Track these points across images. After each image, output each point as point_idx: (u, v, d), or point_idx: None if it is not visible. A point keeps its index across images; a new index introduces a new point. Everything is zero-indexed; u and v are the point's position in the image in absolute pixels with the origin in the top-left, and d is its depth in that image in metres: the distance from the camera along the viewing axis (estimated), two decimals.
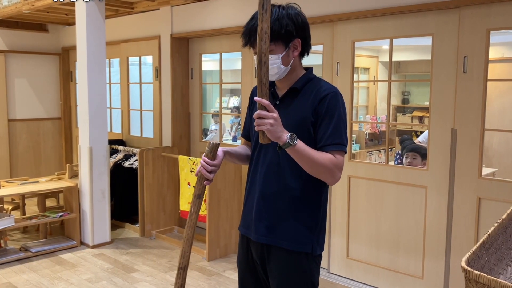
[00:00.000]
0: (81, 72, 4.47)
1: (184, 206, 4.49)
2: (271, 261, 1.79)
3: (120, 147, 5.43)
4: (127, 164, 5.18)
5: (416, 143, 4.57)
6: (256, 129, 1.57)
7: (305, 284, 1.76)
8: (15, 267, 4.01)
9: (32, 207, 5.69)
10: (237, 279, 1.99)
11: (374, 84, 7.32)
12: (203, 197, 1.75)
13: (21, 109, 6.41)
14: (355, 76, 3.83)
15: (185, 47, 5.15)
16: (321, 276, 2.84)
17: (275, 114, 1.55)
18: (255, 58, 1.56)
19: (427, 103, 6.15)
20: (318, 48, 3.89)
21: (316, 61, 3.88)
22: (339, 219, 3.84)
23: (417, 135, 6.28)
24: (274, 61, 1.69)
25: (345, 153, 1.72)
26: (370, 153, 6.18)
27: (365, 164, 3.99)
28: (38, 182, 4.87)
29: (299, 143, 1.59)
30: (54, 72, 6.71)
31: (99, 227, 4.54)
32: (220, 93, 5.18)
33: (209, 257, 4.22)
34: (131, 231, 5.05)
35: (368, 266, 3.70)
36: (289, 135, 1.57)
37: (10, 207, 4.87)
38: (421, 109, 7.35)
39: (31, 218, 4.41)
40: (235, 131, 6.94)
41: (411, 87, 7.82)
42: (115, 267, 4.06)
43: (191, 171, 4.36)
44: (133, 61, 5.78)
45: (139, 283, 3.73)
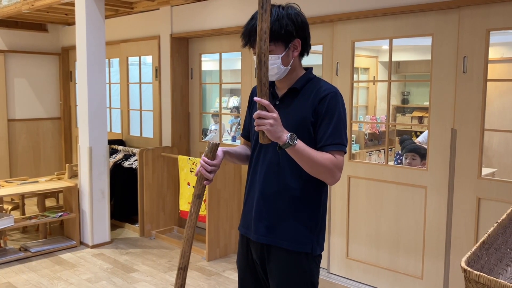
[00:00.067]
0: (81, 72, 4.47)
1: (183, 206, 4.49)
2: (271, 261, 1.79)
3: (119, 147, 5.43)
4: (126, 164, 5.18)
5: (415, 144, 4.57)
6: (256, 129, 1.57)
7: (305, 284, 1.76)
8: (14, 267, 4.01)
9: (31, 207, 5.69)
10: (237, 279, 1.99)
11: (373, 84, 7.32)
12: (203, 197, 1.75)
13: (21, 109, 6.41)
14: (355, 76, 3.83)
15: (185, 47, 5.15)
16: (320, 276, 2.84)
17: (275, 114, 1.55)
18: (254, 58, 1.56)
19: (426, 103, 6.16)
20: (318, 48, 3.89)
21: (316, 61, 3.88)
22: (338, 219, 3.84)
23: (417, 135, 6.28)
24: (274, 61, 1.69)
25: (345, 153, 1.72)
26: (370, 153, 6.18)
27: (365, 164, 3.99)
28: (37, 182, 4.87)
29: (299, 143, 1.59)
30: (53, 72, 6.71)
31: (98, 227, 4.54)
32: (219, 93, 5.18)
33: (209, 257, 4.22)
34: (130, 231, 5.05)
35: (367, 266, 3.70)
36: (289, 135, 1.57)
37: (9, 207, 4.86)
38: (420, 109, 7.35)
39: (30, 218, 4.40)
40: (235, 131, 6.94)
41: (411, 87, 7.82)
42: (115, 267, 4.06)
43: (191, 171, 4.36)
44: (133, 61, 5.78)
45: (139, 283, 3.73)
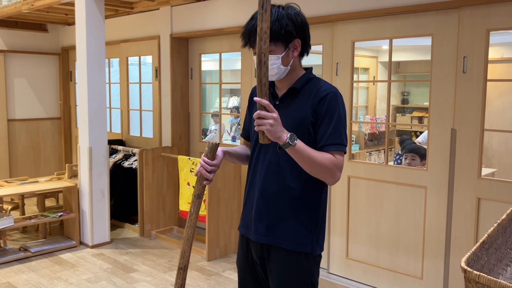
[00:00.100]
0: (81, 72, 4.47)
1: (183, 206, 4.49)
2: (271, 261, 1.79)
3: (119, 147, 5.43)
4: (126, 164, 5.17)
5: (415, 144, 4.57)
6: (256, 129, 1.57)
7: (305, 284, 1.76)
8: (14, 267, 4.01)
9: (31, 207, 5.69)
10: (237, 279, 1.99)
11: (373, 84, 7.32)
12: (202, 197, 1.75)
13: (21, 109, 6.41)
14: (355, 76, 3.83)
15: (184, 47, 5.15)
16: (320, 276, 2.84)
17: (275, 114, 1.55)
18: (254, 58, 1.56)
19: (426, 104, 6.16)
20: (317, 48, 3.90)
21: (315, 61, 3.88)
22: (338, 219, 3.84)
23: (417, 136, 6.29)
24: (274, 61, 1.69)
25: (345, 153, 1.72)
26: (369, 153, 6.18)
27: (365, 164, 3.99)
28: (37, 182, 4.87)
29: (299, 143, 1.59)
30: (53, 72, 6.71)
31: (98, 227, 4.54)
32: (219, 93, 5.18)
33: (209, 257, 4.22)
34: (130, 231, 5.04)
35: (367, 266, 3.70)
36: (289, 135, 1.57)
37: (9, 207, 4.86)
38: (420, 110, 7.35)
39: (30, 218, 4.40)
40: (235, 131, 6.94)
41: (411, 88, 7.82)
42: (115, 267, 4.06)
43: (191, 171, 4.36)
44: (133, 61, 5.78)
45: (139, 283, 3.73)
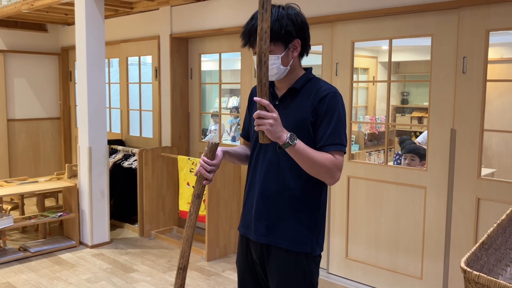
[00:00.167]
0: (81, 72, 4.47)
1: (183, 206, 4.48)
2: (271, 261, 1.78)
3: (119, 147, 5.42)
4: (126, 164, 5.17)
5: (414, 144, 4.58)
6: (256, 129, 1.57)
7: (305, 284, 1.76)
8: (14, 267, 4.01)
9: (31, 207, 5.69)
10: (236, 279, 1.99)
11: (373, 84, 7.33)
12: (202, 197, 1.75)
13: (20, 109, 6.40)
14: (355, 76, 3.83)
15: (184, 47, 5.15)
16: (320, 276, 2.84)
17: (275, 114, 1.55)
18: (254, 58, 1.56)
19: (426, 104, 6.15)
20: (317, 48, 3.89)
21: (315, 61, 3.88)
22: (338, 219, 3.84)
23: (416, 136, 6.29)
24: (273, 61, 1.69)
25: (345, 153, 1.72)
26: (369, 154, 6.19)
27: (365, 164, 3.99)
28: (37, 182, 4.87)
29: (299, 143, 1.59)
30: (53, 72, 6.71)
31: (98, 227, 4.54)
32: (219, 93, 5.18)
33: (208, 257, 4.22)
34: (130, 231, 5.04)
35: (367, 266, 3.70)
36: (288, 135, 1.57)
37: (9, 207, 4.86)
38: (420, 110, 7.35)
39: (30, 218, 4.40)
40: (234, 131, 6.94)
41: (411, 88, 7.82)
42: (114, 267, 4.06)
43: (191, 171, 4.36)
44: (133, 61, 5.78)
45: (138, 283, 3.73)
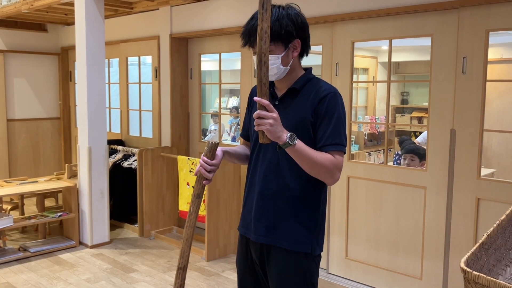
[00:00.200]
0: (80, 72, 4.47)
1: (183, 206, 4.48)
2: (271, 261, 1.78)
3: (119, 147, 5.42)
4: (126, 164, 5.17)
5: (414, 144, 4.58)
6: (256, 129, 1.57)
7: (305, 284, 1.76)
8: (13, 267, 4.01)
9: (31, 207, 5.69)
10: (236, 279, 1.99)
11: (373, 84, 7.33)
12: (202, 197, 1.75)
13: (20, 109, 6.40)
14: (354, 76, 3.83)
15: (184, 47, 5.15)
16: (320, 276, 2.84)
17: (275, 114, 1.55)
18: (254, 58, 1.56)
19: (426, 104, 6.16)
20: (317, 48, 3.89)
21: (315, 61, 3.88)
22: (338, 219, 3.84)
23: (416, 136, 6.29)
24: (273, 61, 1.69)
25: (344, 153, 1.72)
26: (369, 154, 6.19)
27: (364, 164, 3.99)
28: (37, 182, 4.86)
29: (299, 143, 1.59)
30: (53, 72, 6.71)
31: (98, 227, 4.54)
32: (219, 93, 5.18)
33: (208, 257, 4.22)
34: (130, 231, 5.04)
35: (367, 266, 3.70)
36: (288, 135, 1.57)
37: (9, 207, 4.86)
38: (420, 110, 7.35)
39: (30, 218, 4.40)
40: (234, 131, 6.94)
41: (410, 88, 7.83)
42: (114, 267, 4.05)
43: (190, 171, 4.36)
44: (132, 61, 5.77)
45: (138, 283, 3.73)
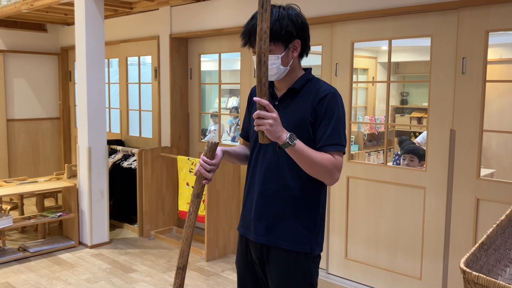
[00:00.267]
0: (80, 72, 4.47)
1: (183, 206, 4.48)
2: (270, 261, 1.79)
3: (119, 147, 5.42)
4: (125, 164, 5.17)
5: (414, 144, 4.58)
6: (255, 129, 1.57)
7: (304, 284, 1.76)
8: (13, 267, 4.01)
9: (30, 207, 5.68)
10: (236, 279, 1.99)
11: (373, 85, 7.33)
12: (202, 197, 1.75)
13: (20, 109, 6.40)
14: (354, 76, 3.83)
15: (184, 47, 5.15)
16: (319, 276, 2.84)
17: (275, 114, 1.55)
18: (254, 58, 1.56)
19: (425, 104, 6.16)
20: (317, 48, 3.89)
21: (315, 61, 3.88)
22: (337, 219, 3.84)
23: (416, 136, 6.29)
24: (273, 61, 1.69)
25: (344, 153, 1.72)
26: (368, 154, 6.19)
27: (364, 164, 3.99)
28: (36, 182, 4.86)
29: (299, 143, 1.59)
30: (53, 72, 6.71)
31: (97, 227, 4.54)
32: (219, 93, 5.18)
33: (208, 257, 4.22)
34: (129, 231, 5.04)
35: (366, 266, 3.70)
36: (288, 135, 1.57)
37: (8, 207, 4.86)
38: (419, 110, 7.36)
39: (29, 218, 4.40)
40: (234, 131, 6.94)
41: (410, 88, 7.83)
42: (114, 267, 4.05)
43: (190, 171, 4.36)
44: (132, 61, 5.77)
45: (138, 283, 3.73)
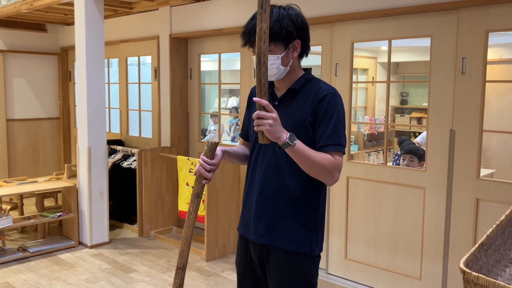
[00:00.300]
0: (80, 72, 4.46)
1: (182, 206, 4.48)
2: (270, 261, 1.79)
3: (118, 147, 5.42)
4: (125, 164, 5.17)
5: (413, 145, 4.58)
6: (255, 129, 1.57)
7: (304, 284, 1.76)
8: (13, 267, 4.01)
9: (30, 207, 5.68)
10: (236, 279, 1.99)
11: (372, 85, 7.33)
12: (201, 197, 1.75)
13: (20, 109, 6.40)
14: (354, 77, 3.83)
15: (184, 47, 5.15)
16: (319, 276, 2.84)
17: (275, 114, 1.55)
18: (254, 58, 1.56)
19: (425, 104, 6.16)
20: (317, 48, 3.89)
21: (315, 61, 3.88)
22: (337, 219, 3.84)
23: (416, 136, 6.29)
24: (273, 62, 1.69)
25: (344, 153, 1.72)
26: (368, 154, 6.19)
27: (364, 165, 3.99)
28: (36, 182, 4.86)
29: (298, 143, 1.59)
30: (52, 72, 6.71)
31: (97, 227, 4.54)
32: (219, 93, 5.18)
33: (208, 257, 4.22)
34: (129, 231, 5.04)
35: (366, 267, 3.70)
36: (288, 135, 1.57)
37: (8, 207, 4.86)
38: (419, 110, 7.36)
39: (29, 218, 4.40)
40: (234, 131, 6.94)
41: (410, 88, 7.83)
42: (113, 267, 4.05)
43: (190, 171, 4.36)
44: (132, 61, 5.77)
45: (137, 283, 3.73)
